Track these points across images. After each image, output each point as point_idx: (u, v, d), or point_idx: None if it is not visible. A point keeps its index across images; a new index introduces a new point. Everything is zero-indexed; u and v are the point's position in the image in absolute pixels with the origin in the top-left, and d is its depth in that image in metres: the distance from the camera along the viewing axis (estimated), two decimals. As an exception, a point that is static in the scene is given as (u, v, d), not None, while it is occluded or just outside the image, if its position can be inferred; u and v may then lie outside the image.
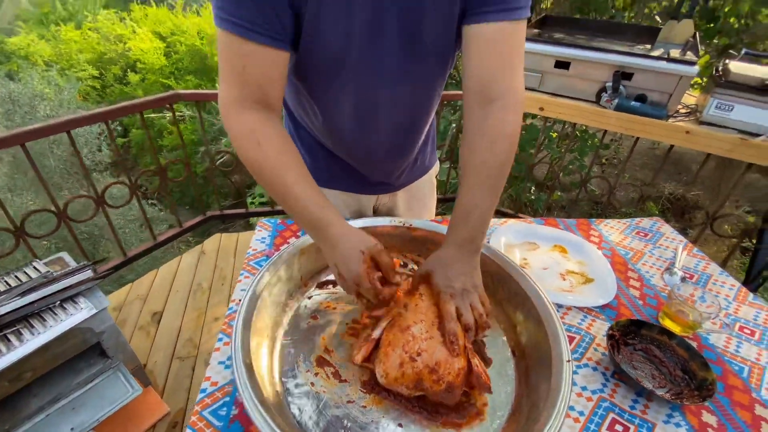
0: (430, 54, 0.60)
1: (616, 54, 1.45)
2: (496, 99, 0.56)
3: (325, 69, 0.58)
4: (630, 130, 1.46)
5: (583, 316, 0.69)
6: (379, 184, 0.83)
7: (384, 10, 0.53)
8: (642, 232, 0.93)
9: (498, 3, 0.53)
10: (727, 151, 1.36)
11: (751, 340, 0.67)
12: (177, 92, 1.50)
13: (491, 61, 0.56)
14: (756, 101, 1.36)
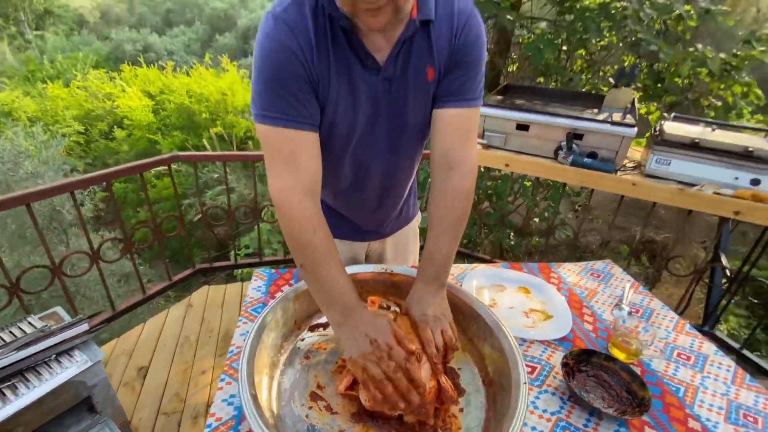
0: (411, 133, 0.76)
1: (567, 118, 1.67)
2: (454, 167, 0.71)
3: (335, 144, 0.73)
4: (584, 183, 1.65)
5: (543, 348, 0.79)
6: (370, 233, 0.97)
7: (380, 106, 0.70)
8: (595, 273, 1.06)
9: (458, 94, 0.70)
10: (668, 199, 1.55)
11: (687, 364, 0.78)
12: (176, 154, 1.62)
13: (451, 136, 0.72)
14: (689, 156, 1.57)
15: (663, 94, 4.05)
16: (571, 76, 4.45)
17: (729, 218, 1.69)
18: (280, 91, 0.62)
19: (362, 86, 0.66)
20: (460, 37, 0.67)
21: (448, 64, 0.69)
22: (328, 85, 0.64)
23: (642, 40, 3.32)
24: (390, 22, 0.57)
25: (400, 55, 0.66)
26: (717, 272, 1.79)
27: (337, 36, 0.62)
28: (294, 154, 0.64)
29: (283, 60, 0.61)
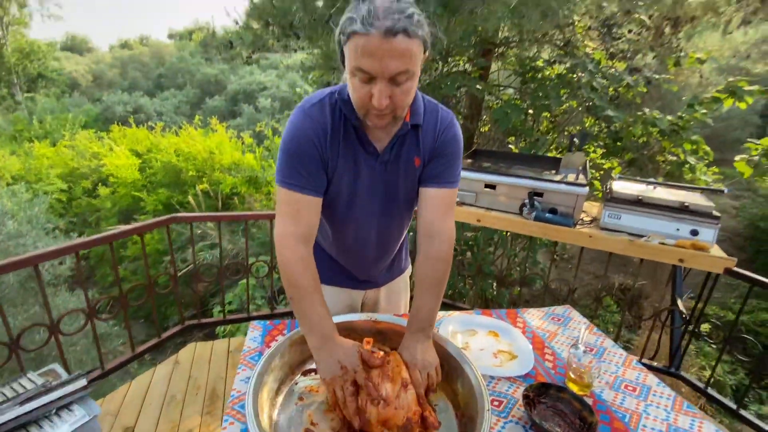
0: (401, 203, 0.96)
1: (528, 179, 1.90)
2: (435, 235, 0.89)
3: (340, 207, 0.92)
4: (547, 236, 1.83)
5: (509, 384, 0.90)
6: (367, 282, 1.11)
7: (376, 181, 0.90)
8: (556, 317, 1.19)
9: (440, 178, 0.90)
10: (621, 249, 1.74)
11: (632, 394, 0.89)
12: (174, 215, 1.74)
13: (433, 210, 0.90)
14: (636, 211, 1.79)
15: (622, 151, 4.46)
16: (538, 136, 4.86)
17: (681, 266, 1.88)
18: (298, 166, 0.82)
19: (363, 166, 0.88)
20: (441, 137, 0.89)
21: (432, 155, 0.90)
22: (336, 164, 0.85)
23: (597, 105, 3.74)
24: (389, 123, 0.79)
25: (395, 146, 0.87)
26: (676, 315, 1.94)
27: (348, 129, 0.84)
28: (299, 212, 0.83)
29: (303, 144, 0.82)
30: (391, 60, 0.68)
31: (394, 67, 0.69)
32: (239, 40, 4.22)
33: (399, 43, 0.67)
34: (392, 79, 0.70)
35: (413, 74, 0.73)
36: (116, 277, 1.66)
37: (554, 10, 3.12)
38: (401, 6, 0.68)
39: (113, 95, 15.62)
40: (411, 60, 0.70)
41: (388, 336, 0.95)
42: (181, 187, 8.56)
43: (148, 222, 1.65)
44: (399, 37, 0.67)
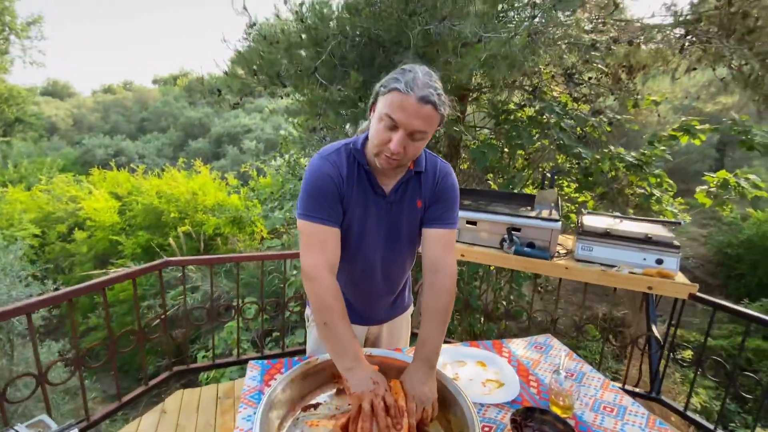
0: (404, 241, 1.08)
1: (506, 216, 2.03)
2: (440, 270, 1.00)
3: (351, 241, 1.04)
4: (527, 269, 1.94)
5: (498, 410, 0.96)
6: (371, 318, 1.19)
7: (383, 218, 1.04)
8: (538, 346, 1.27)
9: (441, 220, 1.03)
10: (595, 279, 1.85)
11: (611, 415, 0.96)
12: (167, 259, 1.77)
13: (436, 248, 1.03)
14: (605, 243, 1.93)
15: (593, 186, 4.73)
16: (514, 173, 5.12)
17: (652, 294, 2.01)
18: (321, 200, 0.96)
19: (372, 205, 1.02)
20: (440, 183, 1.05)
21: (432, 200, 1.05)
22: (350, 202, 1.00)
23: (566, 144, 4.02)
24: (395, 169, 0.96)
25: (400, 189, 1.03)
26: (652, 341, 2.04)
27: (360, 173, 1.00)
28: (325, 242, 0.96)
29: (324, 182, 0.96)
30: (416, 119, 0.86)
31: (417, 126, 0.87)
32: (227, 87, 4.41)
33: (427, 110, 0.86)
34: (411, 134, 0.88)
35: (426, 136, 0.91)
36: (107, 324, 1.65)
37: (520, 61, 3.43)
38: (435, 85, 0.88)
39: (94, 138, 15.58)
40: (430, 125, 0.89)
41: (383, 370, 1.00)
42: (161, 229, 8.44)
43: (141, 267, 1.67)
44: (428, 106, 0.86)
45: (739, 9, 3.79)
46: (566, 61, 4.10)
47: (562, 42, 3.59)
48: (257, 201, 8.67)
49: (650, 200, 4.41)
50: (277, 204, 5.87)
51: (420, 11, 3.42)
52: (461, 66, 3.15)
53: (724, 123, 4.07)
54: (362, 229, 1.02)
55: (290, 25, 4.04)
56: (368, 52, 3.85)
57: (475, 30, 3.01)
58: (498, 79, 3.97)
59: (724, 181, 3.96)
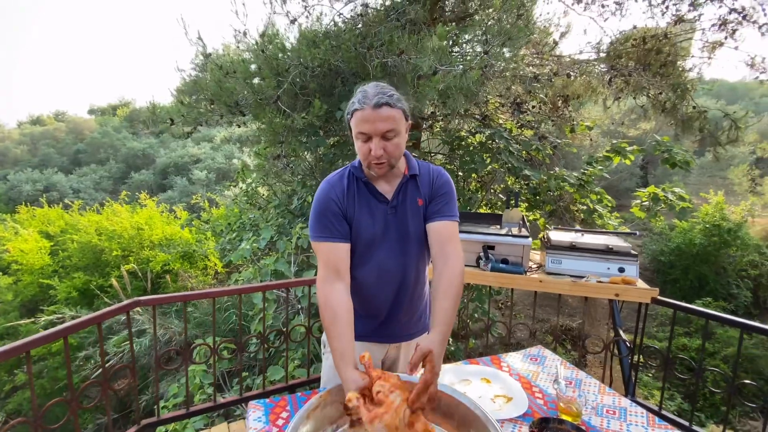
0: (413, 240, 1.12)
1: (480, 234, 2.12)
2: (449, 255, 1.04)
3: (361, 248, 1.10)
4: (504, 284, 2.02)
5: (513, 425, 0.97)
6: (389, 334, 1.18)
7: (389, 222, 1.11)
8: (533, 358, 1.32)
9: (441, 213, 1.10)
10: (567, 290, 1.97)
11: (614, 417, 1.02)
12: (136, 299, 1.62)
13: (442, 237, 1.08)
14: (572, 256, 2.07)
15: (542, 204, 5.07)
16: (470, 195, 5.37)
17: (616, 301, 2.16)
18: (325, 221, 1.06)
19: (377, 211, 1.10)
20: (436, 182, 1.14)
21: (431, 197, 1.13)
22: (353, 213, 1.09)
23: (515, 166, 4.31)
24: (387, 172, 1.06)
25: (400, 193, 1.12)
26: (621, 345, 2.18)
27: (360, 186, 1.11)
28: (329, 258, 1.05)
29: (325, 202, 1.08)
30: (379, 123, 0.99)
31: (383, 127, 0.99)
32: (181, 116, 4.26)
33: (384, 111, 0.98)
34: (383, 136, 1.00)
35: (398, 132, 1.02)
36: (69, 376, 1.46)
37: (474, 92, 3.67)
38: (384, 90, 1.01)
39: (20, 173, 14.10)
40: (394, 122, 1.00)
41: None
42: (101, 269, 7.72)
43: (107, 310, 1.51)
44: (384, 107, 0.98)
45: (652, 47, 4.37)
46: (513, 92, 4.47)
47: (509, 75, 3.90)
48: (210, 233, 8.25)
49: (593, 215, 4.81)
50: (236, 236, 5.62)
51: (377, 45, 3.58)
52: (420, 96, 3.31)
53: (648, 144, 4.61)
54: (371, 234, 1.09)
55: (248, 55, 4.04)
56: (328, 82, 3.93)
57: (431, 63, 3.20)
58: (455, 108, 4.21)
59: (654, 195, 4.43)
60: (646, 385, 5.08)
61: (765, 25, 3.76)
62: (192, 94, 4.26)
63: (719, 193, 8.70)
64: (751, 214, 9.79)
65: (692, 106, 4.37)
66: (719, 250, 7.68)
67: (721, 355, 5.40)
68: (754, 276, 7.86)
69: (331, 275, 1.03)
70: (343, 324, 0.97)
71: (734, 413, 4.54)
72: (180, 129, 4.31)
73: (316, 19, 3.99)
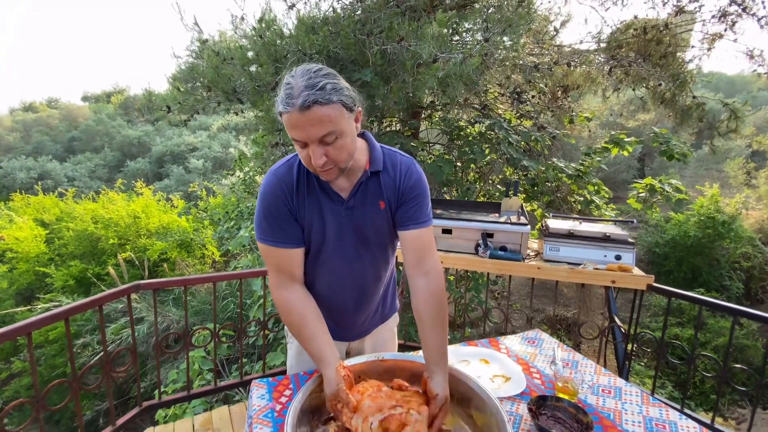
0: (374, 246, 1.01)
1: (478, 222, 2.13)
2: (429, 271, 0.96)
3: (312, 253, 0.99)
4: (502, 271, 2.04)
5: (512, 403, 0.99)
6: (350, 333, 1.12)
7: (344, 226, 0.97)
8: (531, 340, 1.34)
9: (414, 219, 0.98)
10: (564, 277, 1.99)
11: (609, 396, 1.04)
12: (137, 283, 1.63)
13: (418, 249, 0.97)
14: (570, 243, 2.09)
15: (539, 195, 5.09)
16: (468, 186, 5.37)
17: (611, 287, 2.19)
18: (271, 222, 0.93)
19: (328, 213, 0.96)
20: (404, 181, 0.98)
21: (399, 201, 0.98)
22: (303, 214, 0.95)
23: (514, 157, 4.30)
24: (338, 175, 0.88)
25: (359, 192, 0.96)
26: (616, 331, 2.21)
27: (311, 182, 0.95)
28: (278, 263, 0.96)
29: (273, 202, 0.93)
30: (312, 128, 0.79)
31: (316, 132, 0.79)
32: (177, 103, 4.21)
33: (314, 113, 0.77)
34: (321, 141, 0.81)
35: (340, 132, 0.82)
36: (71, 358, 1.46)
37: (474, 81, 3.65)
38: (314, 82, 0.78)
39: (14, 161, 13.93)
40: (331, 123, 0.80)
41: (396, 374, 1.00)
42: (98, 257, 7.70)
43: (109, 292, 1.52)
44: (313, 108, 0.77)
45: (653, 37, 4.35)
46: (513, 82, 4.44)
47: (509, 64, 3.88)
48: (208, 222, 8.23)
49: (590, 206, 4.83)
50: (234, 224, 5.62)
51: (376, 32, 3.54)
52: (419, 84, 3.29)
53: (646, 136, 4.62)
54: (322, 240, 0.96)
55: (246, 41, 3.99)
56: (327, 69, 3.89)
57: (431, 51, 3.17)
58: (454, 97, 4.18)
59: (651, 186, 4.46)
60: (638, 373, 5.17)
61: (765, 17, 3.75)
62: (188, 81, 4.21)
63: (714, 186, 8.77)
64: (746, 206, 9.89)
65: (691, 96, 4.37)
66: (713, 242, 7.76)
67: (711, 345, 5.50)
68: (747, 268, 7.96)
69: (286, 279, 0.96)
70: (313, 326, 0.92)
71: (723, 401, 4.64)
72: (177, 117, 4.27)
73: (314, 5, 3.94)
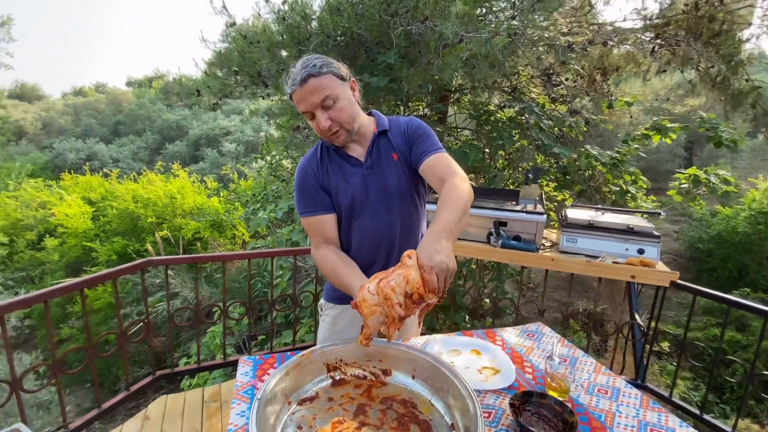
0: (395, 195, 1.12)
1: (491, 210, 2.05)
2: (447, 180, 0.99)
3: (345, 216, 1.13)
4: (514, 261, 1.97)
5: (496, 396, 0.96)
6: None
7: (366, 183, 1.10)
8: (530, 334, 1.28)
9: (427, 150, 1.08)
10: (581, 270, 1.89)
11: (605, 396, 0.98)
12: (150, 259, 1.71)
13: (440, 170, 1.03)
14: (589, 235, 1.98)
15: (571, 184, 4.85)
16: (496, 172, 5.19)
17: (633, 282, 2.06)
18: (304, 196, 1.12)
19: (352, 175, 1.11)
20: (409, 130, 1.13)
21: (408, 144, 1.12)
22: (329, 182, 1.12)
23: (545, 143, 4.10)
24: (347, 138, 1.07)
25: (373, 152, 1.12)
26: (635, 328, 2.09)
27: (332, 154, 1.13)
28: (316, 229, 1.12)
29: (303, 177, 1.12)
30: (311, 96, 0.99)
31: (316, 99, 0.99)
32: (206, 88, 4.31)
33: (311, 84, 0.98)
34: (323, 107, 1.00)
35: (336, 97, 1.01)
36: (86, 326, 1.57)
37: (500, 61, 3.49)
38: (309, 61, 0.99)
39: (65, 142, 14.94)
40: (326, 89, 0.99)
41: (379, 358, 0.99)
42: (138, 234, 8.18)
43: (122, 267, 1.60)
44: (310, 80, 0.97)
45: (705, 13, 3.96)
46: (544, 62, 4.20)
47: (540, 43, 3.67)
48: (239, 204, 8.51)
49: (626, 197, 4.55)
50: (259, 206, 5.78)
51: (401, 12, 3.43)
52: (443, 66, 3.18)
53: (694, 123, 4.25)
54: (350, 199, 1.10)
55: (271, 24, 3.99)
56: (350, 51, 3.84)
57: (457, 30, 3.05)
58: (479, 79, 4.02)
59: (695, 177, 4.13)
60: (670, 373, 4.92)
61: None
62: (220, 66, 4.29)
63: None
64: (807, 202, 8.99)
65: (745, 79, 3.97)
66: (765, 240, 7.14)
67: (753, 348, 5.12)
68: (803, 268, 7.29)
69: (321, 242, 1.11)
70: (344, 265, 1.04)
71: (762, 408, 4.34)
72: (207, 101, 4.38)
73: (340, -15, 3.87)
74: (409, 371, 0.97)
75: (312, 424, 0.84)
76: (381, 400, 0.92)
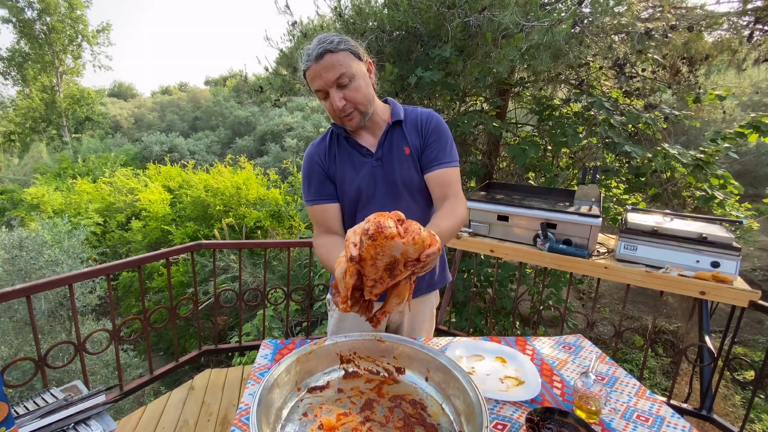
0: (403, 190, 1.08)
1: (540, 210, 1.92)
2: (447, 199, 1.03)
3: (350, 207, 1.10)
4: (561, 267, 1.82)
5: (514, 409, 0.88)
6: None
7: (375, 174, 1.07)
8: (567, 346, 1.17)
9: (437, 160, 1.05)
10: (639, 281, 1.70)
11: (645, 425, 0.86)
12: (199, 242, 1.84)
13: (443, 187, 1.05)
14: (652, 242, 1.77)
15: (644, 186, 4.38)
16: (557, 171, 4.84)
17: (706, 300, 1.81)
18: (310, 185, 1.09)
19: (360, 165, 1.07)
20: (426, 128, 1.07)
21: (423, 144, 1.07)
22: (335, 169, 1.09)
23: (615, 142, 3.74)
24: (360, 120, 1.01)
25: (385, 143, 1.07)
26: (704, 352, 1.84)
27: (341, 142, 1.09)
28: (317, 218, 1.10)
29: (310, 166, 1.10)
30: (326, 73, 0.93)
31: (331, 76, 0.94)
32: (269, 85, 4.54)
33: (326, 60, 0.93)
34: (338, 85, 0.95)
35: (352, 75, 0.95)
36: (142, 298, 1.74)
37: (564, 52, 3.24)
38: (325, 38, 0.94)
39: (151, 136, 16.74)
40: (342, 66, 0.94)
41: (392, 355, 0.96)
42: (208, 221, 8.90)
43: (175, 248, 1.75)
44: (326, 56, 0.93)
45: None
46: (617, 52, 3.83)
47: (612, 31, 3.35)
48: (297, 196, 8.89)
49: (711, 203, 4.01)
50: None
51: (459, 2, 3.33)
52: (500, 58, 3.03)
53: (801, 118, 3.61)
54: (356, 190, 1.07)
55: (329, 21, 4.08)
56: (405, 45, 3.81)
57: (516, 19, 2.88)
58: (540, 70, 3.78)
59: (801, 183, 3.51)
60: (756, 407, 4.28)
61: None
62: (285, 64, 4.50)
63: None
64: None
65: None
66: None
67: None
68: None
69: (323, 232, 1.09)
70: (339, 249, 0.98)
71: None
72: (269, 97, 4.62)
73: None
74: (422, 372, 0.94)
75: (318, 413, 0.84)
76: (390, 397, 0.89)
